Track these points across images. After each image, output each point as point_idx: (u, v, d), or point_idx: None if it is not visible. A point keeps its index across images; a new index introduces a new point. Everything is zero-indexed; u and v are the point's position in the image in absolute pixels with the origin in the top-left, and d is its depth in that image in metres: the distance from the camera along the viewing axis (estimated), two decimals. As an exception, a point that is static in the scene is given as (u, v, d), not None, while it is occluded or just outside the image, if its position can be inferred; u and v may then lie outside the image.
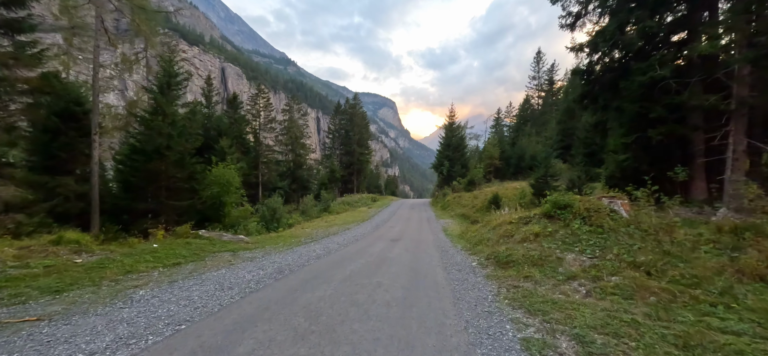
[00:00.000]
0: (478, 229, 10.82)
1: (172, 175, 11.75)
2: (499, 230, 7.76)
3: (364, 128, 53.17)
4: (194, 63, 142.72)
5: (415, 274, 5.55)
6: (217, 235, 9.75)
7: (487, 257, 6.29)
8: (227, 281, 5.29)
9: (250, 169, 35.32)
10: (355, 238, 11.57)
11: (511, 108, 58.12)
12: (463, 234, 11.78)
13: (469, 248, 8.17)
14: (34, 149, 11.82)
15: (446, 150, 37.49)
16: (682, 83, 7.50)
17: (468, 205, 23.89)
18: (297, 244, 10.40)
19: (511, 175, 34.04)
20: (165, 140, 11.61)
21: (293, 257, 7.73)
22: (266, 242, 10.60)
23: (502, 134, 46.52)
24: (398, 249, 8.59)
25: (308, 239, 11.49)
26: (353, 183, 50.02)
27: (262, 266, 6.63)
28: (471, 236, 10.25)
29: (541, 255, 5.15)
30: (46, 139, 11.67)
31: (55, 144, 11.64)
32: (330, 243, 10.32)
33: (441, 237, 11.86)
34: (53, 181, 11.40)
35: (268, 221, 17.76)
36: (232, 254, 8.12)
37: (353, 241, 10.74)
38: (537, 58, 46.10)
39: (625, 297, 3.51)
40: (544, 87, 46.56)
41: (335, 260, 7.08)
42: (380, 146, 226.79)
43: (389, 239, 10.88)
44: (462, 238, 11.07)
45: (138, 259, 6.64)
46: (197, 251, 7.89)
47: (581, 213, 6.09)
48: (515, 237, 6.55)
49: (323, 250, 8.88)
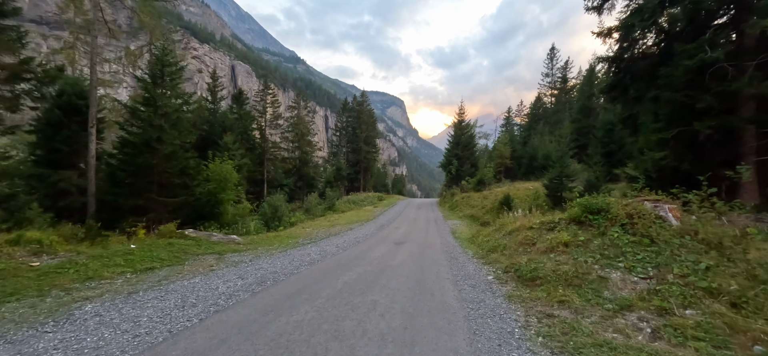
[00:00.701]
0: (491, 233, 9.81)
1: (163, 170, 11.05)
2: (517, 236, 6.76)
3: (372, 126, 52.27)
4: (204, 60, 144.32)
5: (420, 290, 4.62)
6: (207, 235, 8.99)
7: (506, 269, 5.31)
8: (195, 294, 4.45)
9: (255, 166, 34.86)
10: (356, 240, 10.70)
11: (522, 107, 56.41)
12: (473, 238, 10.78)
13: (482, 256, 7.19)
14: (37, 143, 11.69)
15: (455, 148, 36.30)
16: (738, 68, 6.35)
17: (477, 206, 22.81)
18: (293, 245, 9.59)
19: (522, 175, 32.73)
20: (156, 132, 10.92)
21: (283, 262, 6.88)
22: (260, 243, 9.81)
23: (512, 134, 45.02)
24: (402, 255, 7.67)
25: (306, 241, 10.67)
26: (360, 181, 49.23)
27: (244, 273, 5.79)
28: (483, 241, 9.25)
29: (576, 272, 4.14)
30: (49, 132, 11.50)
31: (58, 137, 11.43)
32: (328, 246, 9.47)
33: (449, 241, 10.88)
34: (56, 175, 11.05)
35: (269, 220, 17.05)
36: (217, 257, 7.32)
37: (354, 243, 9.86)
38: (550, 54, 44.38)
39: (716, 344, 2.51)
40: (557, 85, 44.86)
41: (329, 268, 6.20)
42: (388, 145, 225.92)
43: (393, 242, 9.97)
44: (472, 242, 10.07)
45: (106, 263, 5.88)
46: (178, 254, 7.11)
47: (620, 219, 5.06)
48: (538, 246, 5.55)
49: (319, 254, 8.02)
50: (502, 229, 9.14)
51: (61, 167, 11.37)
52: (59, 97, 11.88)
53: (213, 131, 31.10)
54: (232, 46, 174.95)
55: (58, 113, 11.54)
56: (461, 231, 14.33)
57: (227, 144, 28.44)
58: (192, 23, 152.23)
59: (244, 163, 30.25)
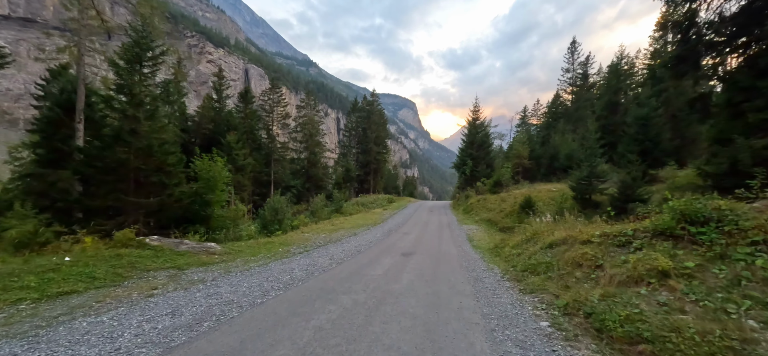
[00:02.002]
0: (520, 243, 7.91)
1: (137, 166, 9.66)
2: (567, 252, 4.90)
3: (382, 126, 50.59)
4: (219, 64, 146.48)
5: (433, 346, 2.88)
6: (175, 243, 7.47)
7: (566, 309, 3.43)
8: (75, 350, 2.83)
9: (261, 166, 33.77)
10: (357, 249, 9.00)
11: (539, 106, 53.56)
12: (497, 249, 8.89)
13: (516, 278, 5.35)
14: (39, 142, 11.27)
15: (469, 148, 34.17)
16: None
17: (495, 209, 20.81)
18: (280, 256, 7.98)
19: (542, 176, 30.37)
20: (130, 123, 9.54)
21: (252, 283, 5.23)
22: (243, 252, 8.25)
23: (530, 132, 42.41)
24: (410, 273, 5.91)
25: (299, 249, 9.05)
26: (370, 183, 47.61)
27: (187, 303, 4.17)
28: (511, 254, 7.37)
29: (720, 336, 2.27)
30: (50, 130, 10.97)
31: (58, 136, 10.83)
32: (322, 257, 7.81)
33: (468, 251, 9.03)
34: (54, 174, 10.13)
35: (267, 223, 15.59)
36: (172, 274, 5.75)
37: (354, 254, 8.15)
38: (571, 48, 41.60)
39: None
40: (577, 81, 42.05)
41: (306, 296, 4.50)
42: (400, 147, 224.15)
43: (400, 253, 8.21)
44: (497, 254, 8.19)
45: (11, 283, 4.38)
46: (122, 270, 5.57)
47: (752, 235, 3.17)
48: (611, 272, 3.70)
49: (306, 269, 6.35)
50: (535, 239, 7.24)
51: (61, 166, 10.50)
52: (60, 95, 11.39)
53: (218, 130, 30.16)
54: (246, 50, 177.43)
55: (58, 112, 10.97)
56: (480, 239, 12.42)
57: (230, 143, 27.38)
58: (207, 28, 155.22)
59: (248, 163, 29.17)
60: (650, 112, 21.28)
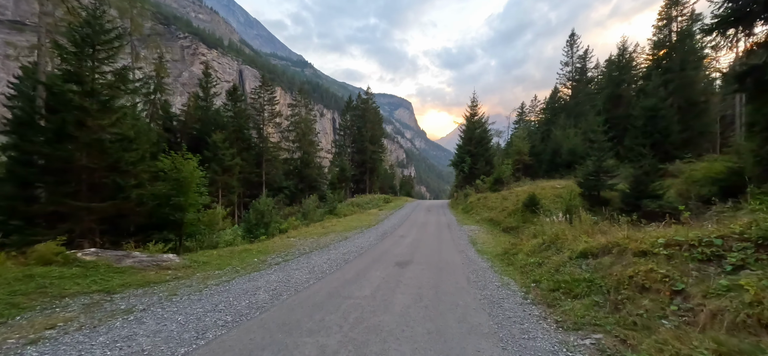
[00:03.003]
0: (537, 250, 6.63)
1: (86, 166, 8.25)
2: (616, 267, 3.62)
3: (377, 125, 49.22)
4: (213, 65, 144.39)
5: None
6: (118, 257, 6.08)
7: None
8: None
9: (252, 167, 32.28)
10: (345, 258, 7.67)
11: (536, 102, 52.39)
12: (508, 256, 7.59)
13: (545, 301, 4.07)
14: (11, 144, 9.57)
15: (467, 145, 32.91)
16: None
17: (496, 208, 19.58)
18: (251, 269, 6.64)
19: (544, 173, 29.22)
20: (76, 115, 8.12)
21: (188, 316, 3.88)
22: (209, 265, 6.90)
23: (529, 129, 41.22)
24: (404, 293, 4.60)
25: (278, 259, 7.72)
26: (366, 183, 46.25)
27: (81, 353, 2.83)
28: (527, 264, 6.08)
29: None
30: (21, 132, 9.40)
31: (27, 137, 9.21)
32: (300, 269, 6.48)
33: (473, 258, 7.74)
34: None
35: (252, 227, 14.21)
36: (97, 301, 4.39)
37: (339, 265, 6.83)
38: (570, 41, 40.46)
39: None
40: (576, 76, 40.96)
41: (252, 341, 3.16)
42: (396, 147, 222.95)
43: (394, 263, 6.90)
44: (509, 263, 6.91)
45: None
46: (29, 296, 4.21)
47: None
48: (707, 305, 2.42)
49: (272, 291, 5.01)
50: (557, 245, 5.95)
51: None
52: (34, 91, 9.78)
53: (205, 130, 28.58)
54: (240, 51, 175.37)
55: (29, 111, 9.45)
56: (484, 241, 11.14)
57: (216, 143, 25.86)
58: (200, 29, 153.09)
59: (236, 163, 27.66)
60: (659, 103, 20.16)
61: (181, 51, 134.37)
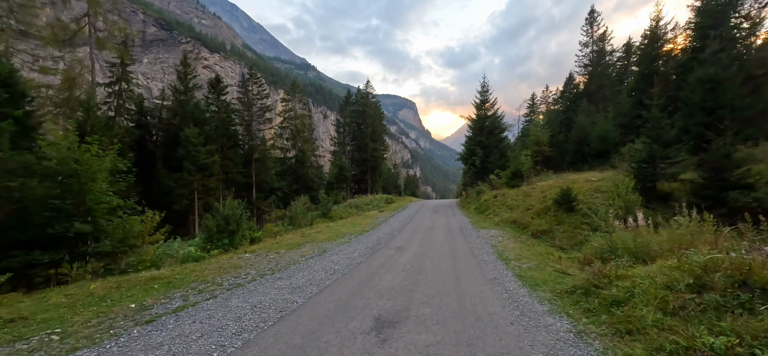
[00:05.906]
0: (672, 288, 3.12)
1: None
2: None
3: (378, 121, 45.68)
4: (215, 69, 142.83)
5: None
6: None
7: None
8: None
9: (239, 166, 29.16)
10: (302, 293, 4.24)
11: (548, 92, 48.03)
12: (585, 295, 4.06)
13: None
14: None
15: (478, 135, 29.20)
16: None
17: (519, 207, 16.03)
18: (123, 320, 3.23)
19: (568, 165, 25.44)
20: None
21: None
22: (48, 313, 3.54)
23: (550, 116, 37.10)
24: None
25: (193, 294, 4.38)
26: (367, 183, 42.82)
27: None
28: (634, 316, 2.61)
29: None
30: None
31: None
32: (202, 325, 3.05)
33: (521, 299, 4.25)
34: None
35: (213, 236, 10.93)
36: None
37: (279, 315, 3.37)
38: (589, 19, 36.42)
39: None
40: (594, 58, 36.89)
41: None
42: (401, 147, 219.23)
43: (373, 317, 3.43)
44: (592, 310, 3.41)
45: None
46: None
47: None
48: None
49: None
50: (713, 277, 2.46)
51: None
52: None
53: (184, 125, 25.43)
54: (243, 55, 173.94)
55: None
56: (518, 255, 7.57)
57: (189, 138, 22.65)
58: (203, 34, 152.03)
59: (214, 161, 24.44)
60: (720, 72, 16.30)
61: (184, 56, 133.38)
